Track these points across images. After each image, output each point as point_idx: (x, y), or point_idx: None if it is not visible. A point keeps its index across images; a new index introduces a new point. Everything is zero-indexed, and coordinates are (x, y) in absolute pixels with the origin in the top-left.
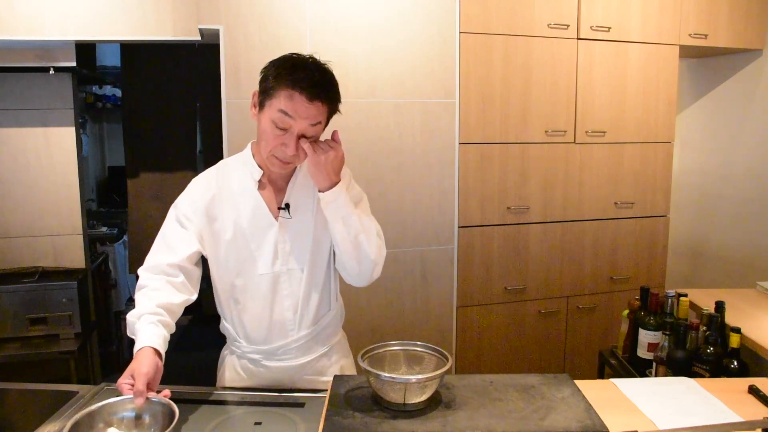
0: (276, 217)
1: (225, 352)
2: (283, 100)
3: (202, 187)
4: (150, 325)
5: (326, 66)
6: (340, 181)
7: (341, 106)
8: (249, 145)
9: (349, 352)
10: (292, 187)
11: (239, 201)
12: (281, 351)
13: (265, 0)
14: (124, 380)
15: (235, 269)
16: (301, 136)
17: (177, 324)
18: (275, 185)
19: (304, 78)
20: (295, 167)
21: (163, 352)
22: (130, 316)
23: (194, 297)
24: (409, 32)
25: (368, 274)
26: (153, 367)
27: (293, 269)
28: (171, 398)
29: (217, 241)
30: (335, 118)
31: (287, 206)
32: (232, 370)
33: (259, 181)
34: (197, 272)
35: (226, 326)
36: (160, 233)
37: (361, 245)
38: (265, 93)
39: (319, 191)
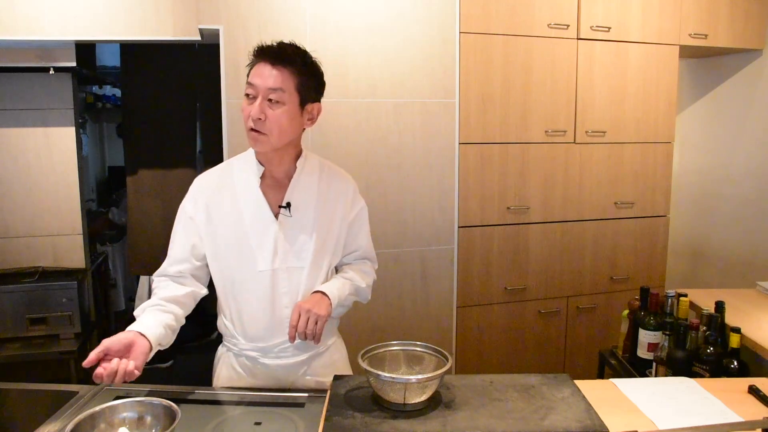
0: (276, 215)
1: (221, 349)
2: (251, 73)
3: (203, 184)
4: (147, 314)
5: (301, 46)
6: (330, 303)
7: (341, 106)
8: None
9: (345, 355)
10: (294, 186)
11: (241, 198)
12: (278, 348)
13: (265, 0)
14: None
15: (235, 265)
16: (267, 100)
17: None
18: (278, 184)
19: (268, 48)
20: (296, 166)
21: (150, 335)
22: (136, 312)
23: (204, 290)
24: (409, 32)
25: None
26: (119, 342)
27: (293, 267)
28: (171, 399)
29: (217, 237)
30: (336, 116)
31: (288, 205)
32: (229, 367)
33: (262, 179)
34: (204, 270)
35: (224, 323)
36: (172, 235)
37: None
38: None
39: None
